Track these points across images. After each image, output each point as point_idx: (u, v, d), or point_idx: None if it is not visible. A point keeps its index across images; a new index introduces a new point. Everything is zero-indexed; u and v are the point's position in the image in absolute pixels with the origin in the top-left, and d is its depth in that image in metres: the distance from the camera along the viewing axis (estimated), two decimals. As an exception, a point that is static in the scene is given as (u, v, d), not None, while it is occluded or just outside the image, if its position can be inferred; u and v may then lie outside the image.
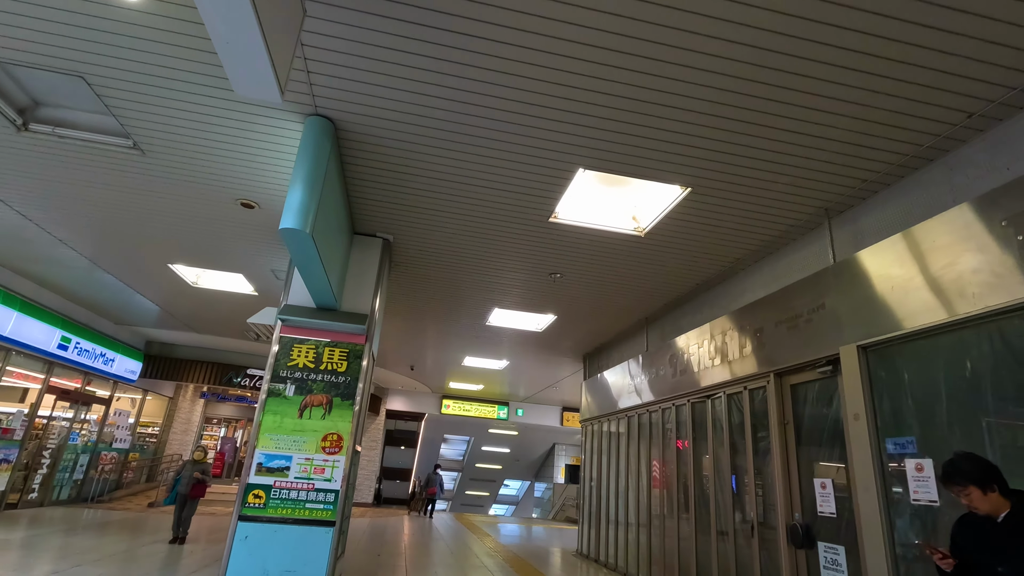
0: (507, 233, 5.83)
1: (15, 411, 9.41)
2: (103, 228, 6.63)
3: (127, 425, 13.11)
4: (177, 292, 9.12)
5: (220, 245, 6.86)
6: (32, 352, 9.31)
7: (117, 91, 4.05)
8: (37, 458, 10.21)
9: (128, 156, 4.94)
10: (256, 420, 5.22)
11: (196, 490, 8.00)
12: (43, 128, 4.67)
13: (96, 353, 11.12)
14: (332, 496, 5.13)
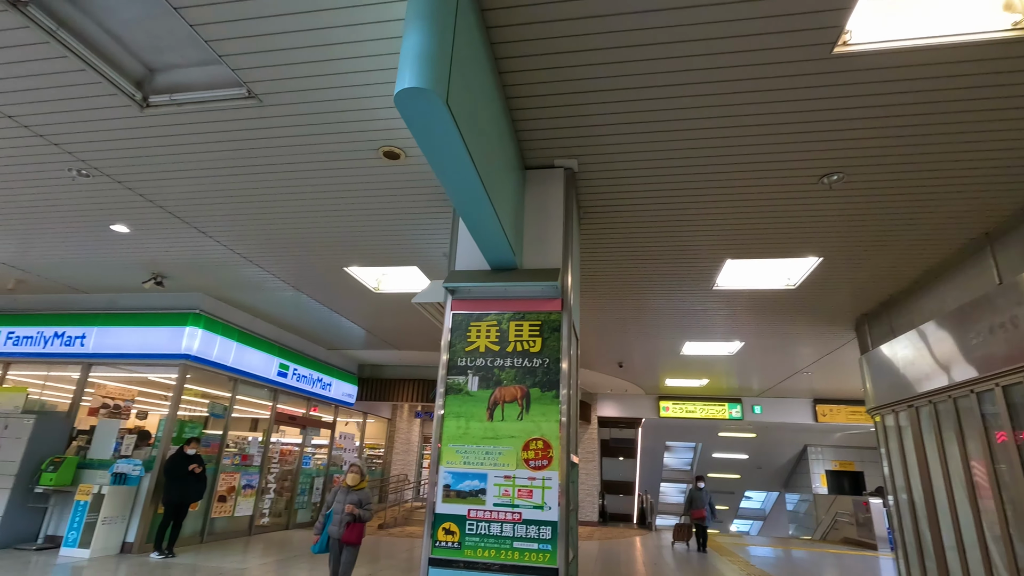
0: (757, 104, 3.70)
1: (251, 438, 9.91)
2: (263, 232, 6.16)
3: (354, 448, 13.53)
4: (367, 304, 8.69)
5: (377, 225, 5.89)
6: (256, 380, 9.72)
7: (219, 26, 3.09)
8: (281, 483, 10.71)
9: (246, 109, 4.06)
10: (435, 426, 3.86)
11: (351, 532, 5.18)
12: (161, 99, 4.00)
13: (314, 379, 11.52)
14: (548, 530, 3.49)
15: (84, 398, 8.49)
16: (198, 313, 8.30)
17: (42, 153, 4.76)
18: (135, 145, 4.58)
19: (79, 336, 8.48)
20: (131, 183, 5.20)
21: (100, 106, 4.10)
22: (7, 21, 3.33)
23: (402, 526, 12.62)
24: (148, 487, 7.55)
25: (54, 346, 8.53)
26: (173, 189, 5.29)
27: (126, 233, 6.36)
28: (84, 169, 4.97)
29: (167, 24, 3.44)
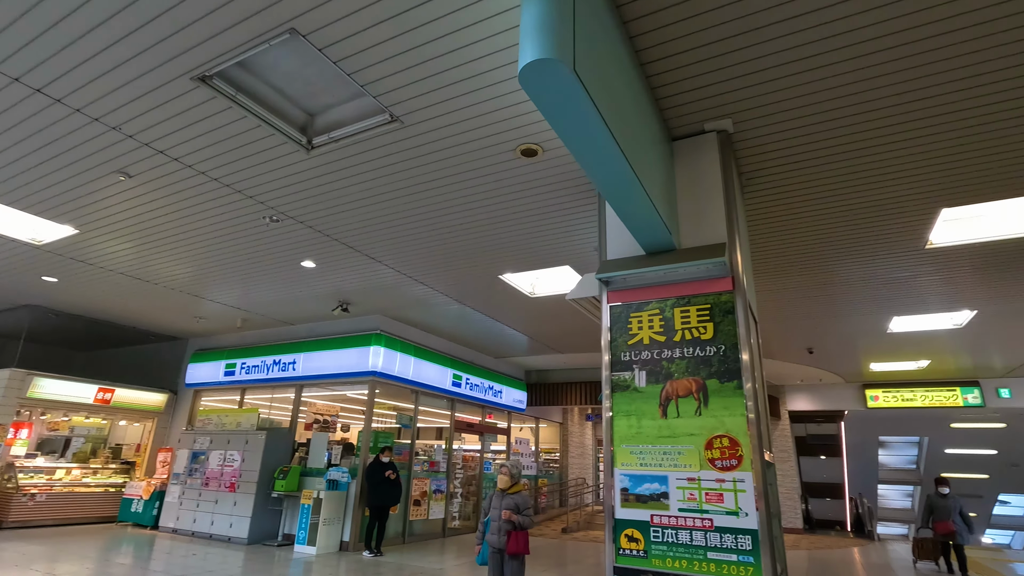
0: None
1: (436, 446, 10.61)
2: (423, 250, 6.50)
3: (530, 452, 13.82)
4: (525, 310, 8.80)
5: (523, 228, 5.86)
6: (434, 391, 10.40)
7: (357, 57, 3.31)
8: (467, 487, 11.31)
9: (390, 134, 4.29)
10: (606, 427, 3.63)
11: (514, 542, 4.49)
12: (322, 139, 4.40)
13: (485, 387, 12.01)
14: (747, 540, 3.04)
15: (300, 415, 9.84)
16: (379, 333, 9.13)
17: (241, 206, 5.57)
18: (308, 186, 5.13)
19: (291, 362, 9.87)
20: (310, 221, 5.86)
21: (276, 155, 4.65)
22: (199, 96, 3.93)
23: (585, 530, 12.50)
24: (355, 492, 8.45)
25: (274, 372, 10.04)
26: (343, 222, 5.84)
27: (313, 268, 7.21)
28: (274, 215, 5.72)
29: (317, 68, 3.77)
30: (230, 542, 8.50)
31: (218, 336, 11.38)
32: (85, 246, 6.73)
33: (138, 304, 9.21)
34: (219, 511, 8.84)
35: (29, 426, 9.76)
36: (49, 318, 10.09)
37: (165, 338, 11.85)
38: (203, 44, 3.43)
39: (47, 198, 5.51)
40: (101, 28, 3.33)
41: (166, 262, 7.18)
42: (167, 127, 4.29)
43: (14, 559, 6.79)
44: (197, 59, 3.56)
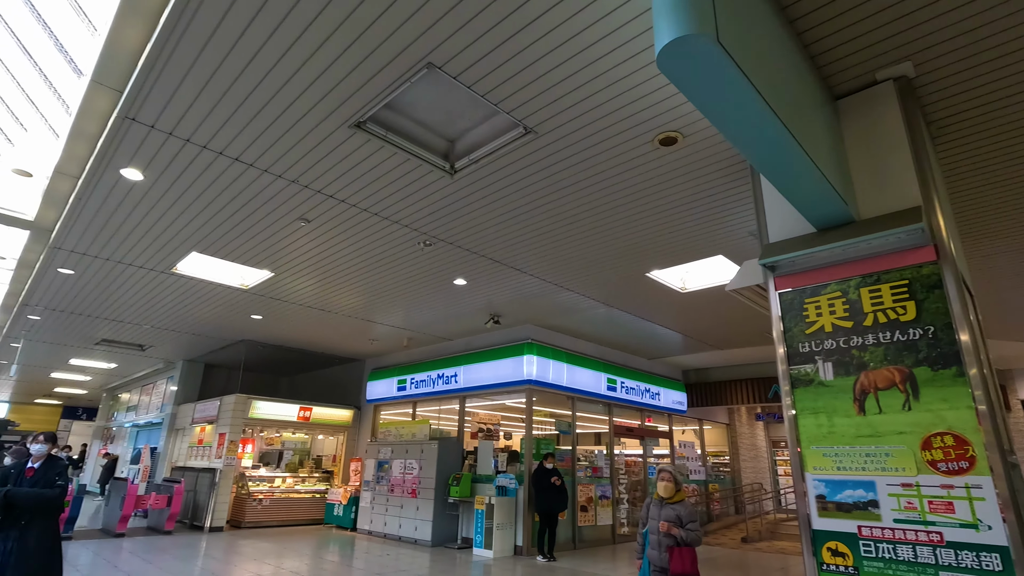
0: None
1: (597, 451, 10.51)
2: (566, 256, 6.49)
3: (696, 456, 13.08)
4: (676, 306, 8.39)
5: (667, 221, 5.58)
6: (589, 396, 10.34)
7: (488, 78, 3.46)
8: (632, 492, 11.03)
9: (526, 146, 4.36)
10: (789, 428, 3.27)
11: (679, 560, 3.95)
12: (463, 162, 4.63)
13: (641, 389, 11.64)
14: (995, 559, 2.52)
15: (465, 425, 10.41)
16: (531, 342, 9.34)
17: (398, 235, 6.07)
18: (454, 208, 5.43)
19: (453, 375, 10.52)
20: (458, 241, 6.19)
21: (424, 184, 4.99)
22: (356, 141, 4.37)
23: (768, 540, 11.45)
24: (523, 498, 8.68)
25: (439, 385, 10.77)
26: (488, 237, 6.08)
27: (465, 284, 7.61)
28: (427, 239, 6.15)
29: (453, 95, 3.98)
30: (416, 544, 9.23)
31: (389, 355, 12.54)
32: (280, 286, 7.85)
33: (323, 332, 10.50)
34: (404, 515, 9.66)
35: (252, 442, 11.60)
36: (258, 349, 11.94)
37: (347, 360, 13.35)
38: (356, 93, 3.81)
39: (249, 248, 6.54)
40: (277, 97, 3.87)
41: (342, 293, 8.09)
42: (332, 173, 4.84)
43: (252, 554, 8.07)
44: (352, 108, 3.97)
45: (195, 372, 13.86)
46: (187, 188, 5.13)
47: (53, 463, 4.37)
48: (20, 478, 4.19)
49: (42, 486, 4.16)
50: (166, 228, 6.02)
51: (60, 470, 4.36)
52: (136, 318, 9.77)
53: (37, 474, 4.24)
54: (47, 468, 4.31)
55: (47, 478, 4.23)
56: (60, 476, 4.30)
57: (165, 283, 7.84)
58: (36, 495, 4.08)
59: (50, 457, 4.40)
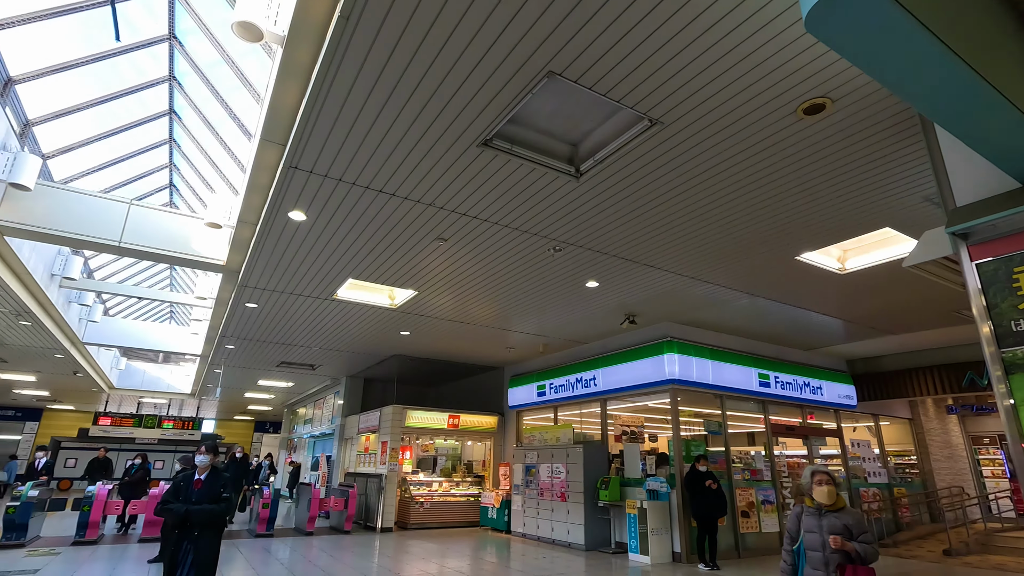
0: None
1: (753, 453, 9.76)
2: (701, 247, 6.13)
3: (873, 456, 11.60)
4: (834, 290, 7.55)
5: (818, 197, 5.03)
6: (739, 394, 9.65)
7: (608, 77, 3.44)
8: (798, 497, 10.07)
9: (653, 137, 4.21)
10: (1008, 421, 2.77)
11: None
12: (588, 164, 4.61)
13: (799, 384, 10.61)
14: None
15: (608, 427, 10.28)
16: (670, 340, 8.98)
17: (528, 244, 6.20)
18: (582, 211, 5.42)
19: (591, 378, 10.46)
20: (588, 243, 6.16)
21: (551, 191, 5.05)
22: (484, 159, 4.54)
23: (980, 554, 9.76)
24: (676, 502, 8.34)
25: (578, 389, 10.77)
26: (617, 237, 5.97)
27: (597, 287, 7.54)
28: (557, 245, 6.21)
29: (574, 99, 3.99)
30: (570, 547, 9.27)
31: (527, 362, 12.83)
32: (423, 303, 8.41)
33: (464, 343, 11.05)
34: (556, 519, 9.77)
35: (410, 449, 12.52)
36: (408, 363, 12.89)
37: (487, 369, 13.91)
38: (482, 113, 3.98)
39: (395, 270, 7.09)
40: (411, 130, 4.17)
41: (478, 304, 8.45)
42: (464, 192, 5.08)
43: (419, 553, 8.68)
44: (479, 128, 4.15)
45: (356, 387, 15.34)
46: (341, 222, 5.71)
47: (217, 476, 4.53)
48: (189, 490, 4.39)
49: (208, 499, 4.33)
50: (327, 260, 6.75)
51: (224, 482, 4.50)
52: (306, 341, 11.07)
53: (204, 487, 4.41)
54: (212, 481, 4.46)
55: (213, 491, 4.39)
56: (225, 489, 4.46)
57: (327, 309, 8.79)
58: (208, 513, 4.28)
59: (213, 469, 4.57)
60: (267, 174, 5.37)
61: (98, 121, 8.52)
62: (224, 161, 9.16)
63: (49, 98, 7.63)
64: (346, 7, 3.12)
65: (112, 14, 5.87)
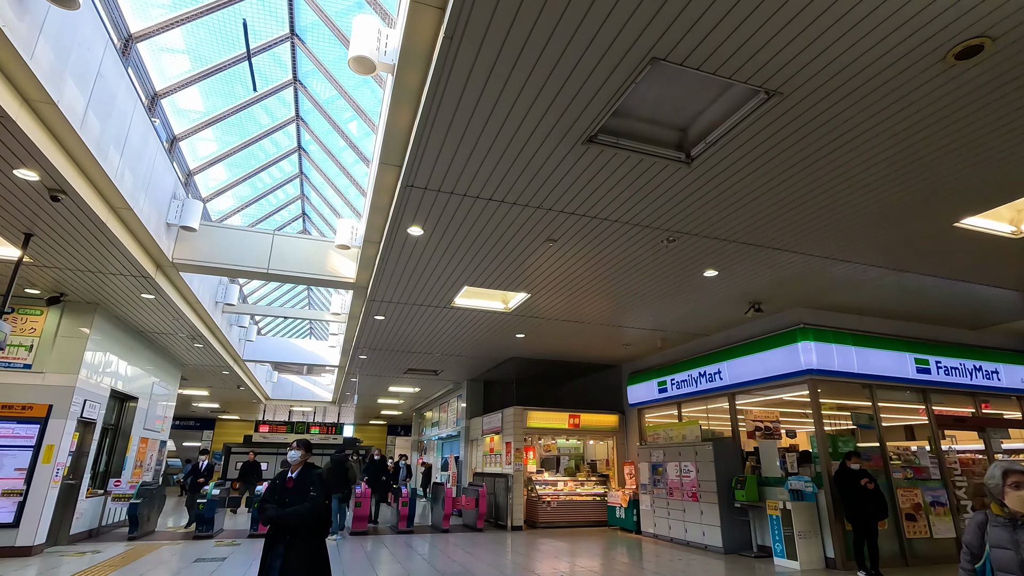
0: None
1: (915, 448, 8.65)
2: (832, 224, 5.57)
3: (1075, 450, 9.78)
4: (1008, 257, 6.51)
5: (976, 151, 4.34)
6: (892, 382, 8.61)
7: (716, 55, 3.29)
8: (978, 499, 8.78)
9: (772, 111, 3.91)
10: None
11: None
12: (699, 148, 4.40)
13: (968, 369, 9.23)
14: None
15: (739, 424, 9.69)
16: (803, 327, 8.27)
17: (639, 237, 6.04)
18: (695, 197, 5.18)
19: (715, 372, 9.93)
20: (703, 231, 5.87)
21: (661, 180, 4.88)
22: (590, 155, 4.51)
23: None
24: (825, 503, 7.63)
25: (701, 384, 10.28)
26: (736, 221, 5.62)
27: (716, 275, 7.16)
28: (670, 236, 5.99)
29: (679, 82, 3.83)
30: (707, 550, 8.86)
31: (645, 358, 12.49)
32: (536, 304, 8.52)
33: (579, 342, 11.02)
34: (688, 519, 9.39)
35: (532, 449, 12.72)
36: (525, 364, 13.12)
37: (604, 367, 13.75)
38: (585, 109, 3.96)
39: (508, 274, 7.26)
40: (516, 137, 4.25)
41: (591, 302, 8.39)
42: (571, 191, 5.08)
43: (550, 551, 8.78)
44: (583, 125, 4.13)
45: (477, 390, 15.90)
46: (455, 232, 5.97)
47: (308, 473, 4.25)
48: (283, 489, 4.15)
49: (299, 498, 4.06)
50: (443, 270, 7.09)
51: (314, 480, 4.20)
52: (428, 348, 11.69)
53: (295, 486, 4.15)
54: (303, 479, 4.20)
55: (302, 490, 4.11)
56: (314, 487, 4.14)
57: (446, 316, 9.22)
58: (292, 516, 3.96)
59: (306, 466, 4.31)
60: (386, 195, 5.76)
61: (240, 162, 9.68)
62: (347, 187, 9.98)
63: (203, 148, 8.82)
64: (449, 27, 3.26)
65: (249, 68, 6.65)
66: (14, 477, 7.61)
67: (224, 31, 6.78)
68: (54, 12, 4.13)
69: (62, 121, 4.54)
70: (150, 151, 6.41)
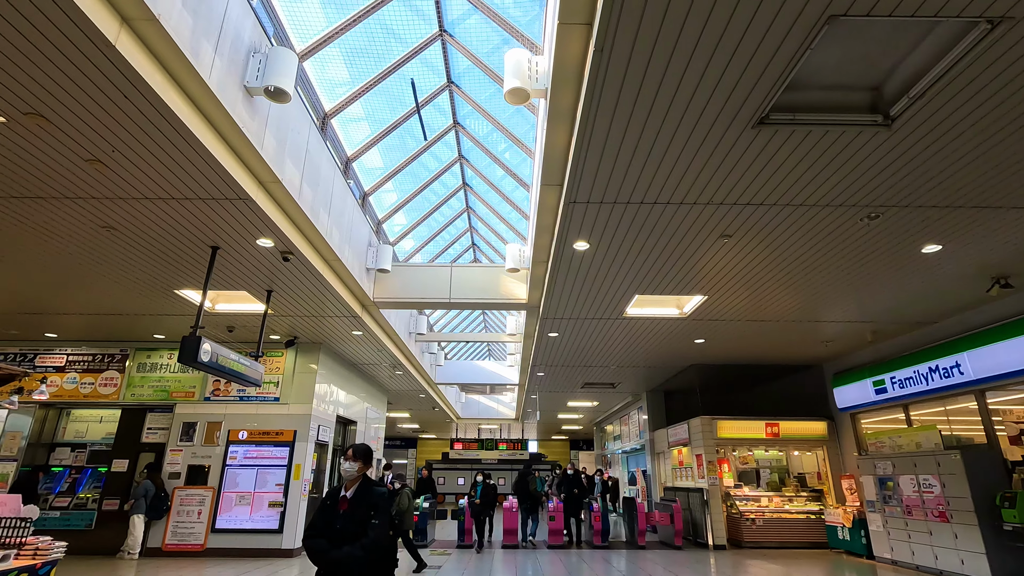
0: None
1: None
2: None
3: None
4: None
5: None
6: None
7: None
8: None
9: (997, 43, 3.20)
10: None
11: None
12: (900, 106, 3.78)
13: None
14: None
15: (996, 427, 7.90)
16: (1077, 301, 6.51)
17: (831, 218, 5.33)
18: (900, 163, 4.43)
19: (952, 365, 8.26)
20: (915, 200, 4.98)
21: (853, 150, 4.28)
22: (762, 139, 4.13)
23: None
24: None
25: (933, 381, 8.62)
26: (955, 182, 4.68)
27: (939, 250, 6.01)
28: (871, 212, 5.19)
29: (865, 37, 3.34)
30: (969, 582, 7.30)
31: (852, 355, 10.92)
32: (714, 307, 7.98)
33: (768, 343, 10.04)
34: (938, 544, 7.85)
35: (727, 462, 11.82)
36: (708, 371, 12.33)
37: (801, 368, 12.31)
38: (753, 90, 3.65)
39: (680, 278, 6.93)
40: (677, 135, 4.08)
41: (778, 299, 7.60)
42: (744, 181, 4.70)
43: (760, 574, 7.99)
44: (751, 108, 3.81)
45: (657, 400, 15.34)
46: (622, 242, 5.89)
47: (367, 493, 3.10)
48: (333, 512, 3.06)
49: (353, 525, 2.96)
50: (612, 281, 7.02)
51: (375, 503, 3.05)
52: (603, 362, 11.61)
53: (351, 509, 3.03)
54: (359, 500, 3.06)
55: (358, 516, 2.99)
56: (376, 512, 3.01)
57: (619, 328, 9.09)
58: (347, 559, 2.87)
59: (365, 482, 3.15)
60: (550, 215, 5.92)
61: (417, 206, 10.75)
62: (509, 213, 10.49)
63: (386, 198, 10.00)
64: (599, 40, 3.27)
65: (419, 120, 7.41)
66: (275, 491, 9.23)
67: (392, 93, 7.67)
68: (273, 107, 5.06)
69: (285, 195, 5.50)
70: (348, 208, 7.45)
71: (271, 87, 4.46)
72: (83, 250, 6.25)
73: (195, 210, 5.35)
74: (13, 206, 5.27)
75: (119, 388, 10.07)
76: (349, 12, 5.99)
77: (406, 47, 6.92)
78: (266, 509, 9.13)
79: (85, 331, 9.72)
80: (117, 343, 10.31)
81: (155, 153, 4.44)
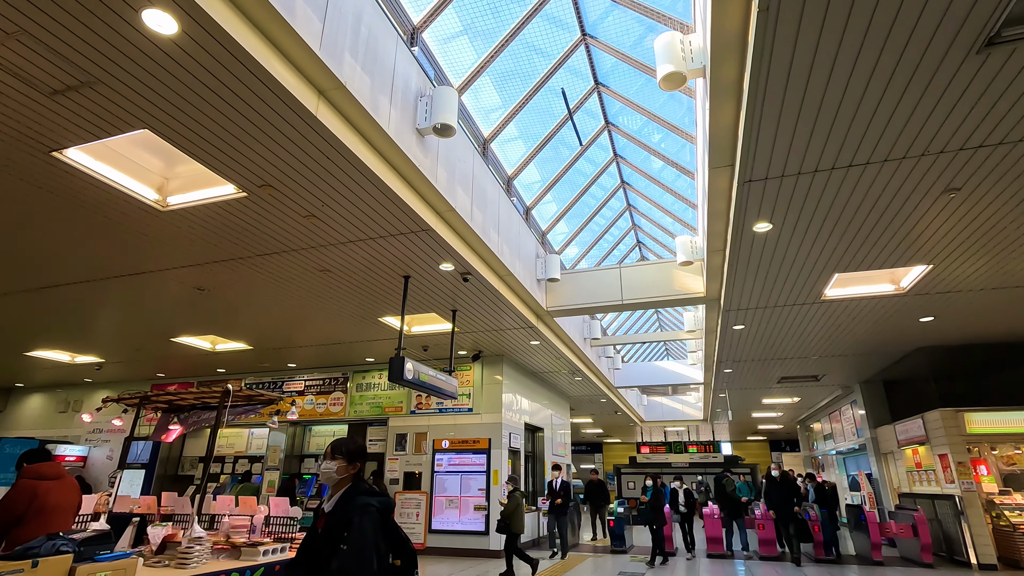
0: None
1: None
2: None
3: None
4: None
5: None
6: None
7: None
8: None
9: None
10: None
11: None
12: None
13: None
14: None
15: None
16: None
17: (1117, 144, 4.11)
18: None
19: None
20: None
21: None
22: (994, 62, 3.35)
23: None
24: None
25: None
26: None
27: None
28: None
29: None
30: None
31: None
32: (943, 276, 6.65)
33: (1021, 314, 8.07)
34: None
35: (984, 463, 9.70)
36: (942, 354, 10.29)
37: (1080, 342, 9.66)
38: (974, 7, 2.99)
39: (891, 248, 5.91)
40: (873, 81, 3.51)
41: (1039, 256, 6.07)
42: (972, 120, 3.86)
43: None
44: (973, 29, 3.12)
45: (875, 392, 13.24)
46: (812, 216, 5.23)
47: (350, 502, 2.30)
48: (315, 533, 2.37)
49: (330, 548, 2.22)
50: (804, 262, 6.27)
51: (349, 516, 2.23)
52: (800, 352, 10.38)
53: (326, 525, 2.31)
54: (340, 512, 2.30)
55: (333, 536, 2.24)
56: (349, 532, 2.17)
57: (816, 313, 8.05)
58: None
59: (352, 489, 2.36)
60: (722, 198, 5.50)
61: (577, 212, 10.82)
62: (672, 204, 10.02)
63: (546, 210, 10.24)
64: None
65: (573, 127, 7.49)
66: (478, 496, 9.90)
67: (541, 108, 7.85)
68: (442, 142, 5.51)
69: (459, 220, 5.94)
70: (515, 225, 7.78)
71: (438, 124, 4.86)
72: (306, 291, 7.43)
73: (388, 246, 6.04)
74: (256, 262, 6.49)
75: (344, 406, 11.73)
76: (495, 39, 6.30)
77: (550, 60, 7.05)
78: (472, 512, 9.82)
79: (315, 359, 11.53)
80: (339, 367, 12.05)
81: (353, 201, 5.11)
